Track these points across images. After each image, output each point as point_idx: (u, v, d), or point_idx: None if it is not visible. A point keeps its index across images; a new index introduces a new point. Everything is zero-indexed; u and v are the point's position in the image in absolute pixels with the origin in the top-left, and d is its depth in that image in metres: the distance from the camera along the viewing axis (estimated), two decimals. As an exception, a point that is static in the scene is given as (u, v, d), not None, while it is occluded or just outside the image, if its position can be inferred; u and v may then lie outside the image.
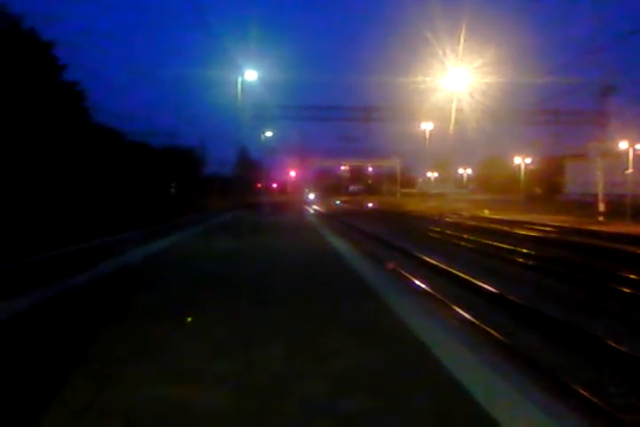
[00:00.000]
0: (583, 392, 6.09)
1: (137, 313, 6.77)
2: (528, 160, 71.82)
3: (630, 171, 42.75)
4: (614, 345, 7.65)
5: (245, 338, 5.57)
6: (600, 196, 42.87)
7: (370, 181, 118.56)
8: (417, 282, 13.16)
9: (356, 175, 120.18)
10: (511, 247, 20.36)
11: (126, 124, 54.95)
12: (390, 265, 15.03)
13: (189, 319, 5.27)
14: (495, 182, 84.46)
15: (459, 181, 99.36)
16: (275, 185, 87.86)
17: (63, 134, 21.32)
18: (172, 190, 41.17)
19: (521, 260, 17.52)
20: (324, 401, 3.96)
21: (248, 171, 65.24)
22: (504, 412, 3.74)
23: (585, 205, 46.18)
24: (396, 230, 30.81)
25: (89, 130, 24.80)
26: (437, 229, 30.16)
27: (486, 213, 49.86)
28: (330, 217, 45.40)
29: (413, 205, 66.63)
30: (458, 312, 9.99)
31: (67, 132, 21.68)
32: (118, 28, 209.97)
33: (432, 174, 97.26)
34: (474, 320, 9.38)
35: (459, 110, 43.85)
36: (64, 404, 3.87)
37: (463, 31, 34.74)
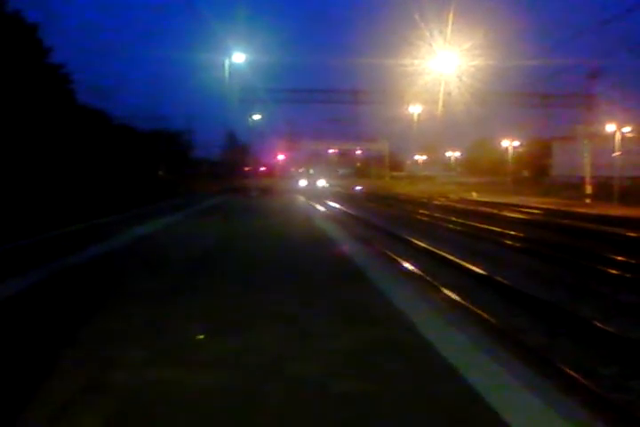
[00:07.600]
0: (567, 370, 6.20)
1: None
2: (516, 143, 72.01)
3: (617, 153, 43.04)
4: (600, 325, 7.79)
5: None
6: (587, 178, 43.20)
7: (358, 164, 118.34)
8: (405, 264, 13.25)
9: (345, 158, 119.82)
10: (499, 230, 20.48)
11: (112, 106, 54.53)
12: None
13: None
14: (483, 165, 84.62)
15: (447, 163, 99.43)
16: (263, 168, 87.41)
17: (49, 117, 21.11)
18: (160, 173, 40.95)
19: (509, 242, 17.65)
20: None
21: (236, 154, 64.98)
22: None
23: (572, 187, 46.49)
24: (384, 213, 30.87)
25: (75, 112, 24.58)
26: (426, 212, 30.25)
27: (474, 195, 50.05)
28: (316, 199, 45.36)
29: (402, 188, 66.68)
30: (443, 292, 10.10)
31: (53, 115, 21.47)
32: (105, 9, 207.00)
33: (420, 157, 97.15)
34: (459, 300, 9.50)
35: (447, 93, 43.76)
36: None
37: (451, 13, 34.55)
